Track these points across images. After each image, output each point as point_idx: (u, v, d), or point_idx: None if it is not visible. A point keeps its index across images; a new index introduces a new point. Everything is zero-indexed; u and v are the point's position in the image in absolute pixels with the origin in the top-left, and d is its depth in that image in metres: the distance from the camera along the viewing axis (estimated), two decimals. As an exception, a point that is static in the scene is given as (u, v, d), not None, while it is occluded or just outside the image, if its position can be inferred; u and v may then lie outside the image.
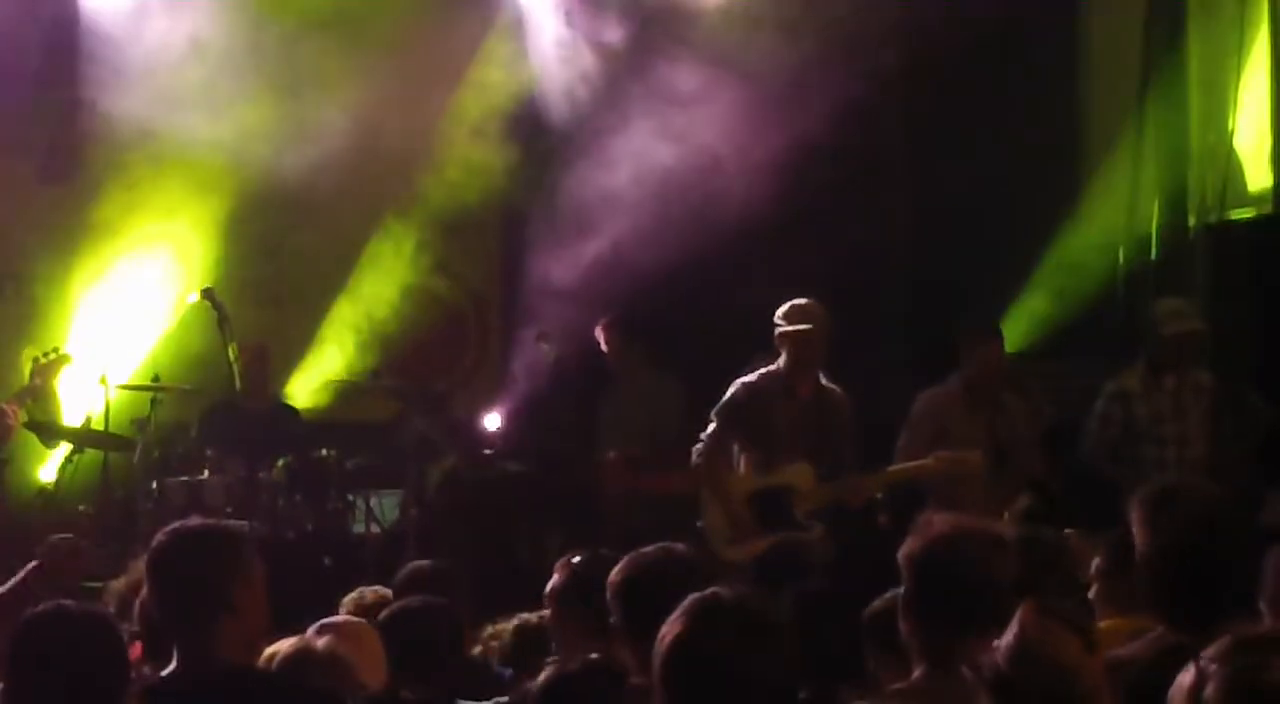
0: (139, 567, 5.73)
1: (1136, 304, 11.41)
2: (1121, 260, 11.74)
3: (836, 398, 9.65)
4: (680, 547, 5.38)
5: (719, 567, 8.97)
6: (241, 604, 4.80)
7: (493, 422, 12.66)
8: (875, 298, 12.76)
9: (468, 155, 12.96)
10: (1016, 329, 11.36)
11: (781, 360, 9.58)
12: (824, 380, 9.63)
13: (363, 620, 6.11)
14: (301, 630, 5.78)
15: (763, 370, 9.67)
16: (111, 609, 6.27)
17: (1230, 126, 11.37)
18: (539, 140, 12.98)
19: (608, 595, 5.16)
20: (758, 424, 9.57)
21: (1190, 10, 11.64)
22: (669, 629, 4.22)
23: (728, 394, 9.67)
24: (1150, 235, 11.63)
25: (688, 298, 12.29)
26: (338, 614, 6.73)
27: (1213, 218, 11.50)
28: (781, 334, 9.51)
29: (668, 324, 12.09)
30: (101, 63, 12.21)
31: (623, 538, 10.91)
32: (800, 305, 9.53)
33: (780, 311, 9.54)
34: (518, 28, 13.21)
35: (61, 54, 12.36)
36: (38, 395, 10.37)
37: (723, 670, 4.10)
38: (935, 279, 12.42)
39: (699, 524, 9.61)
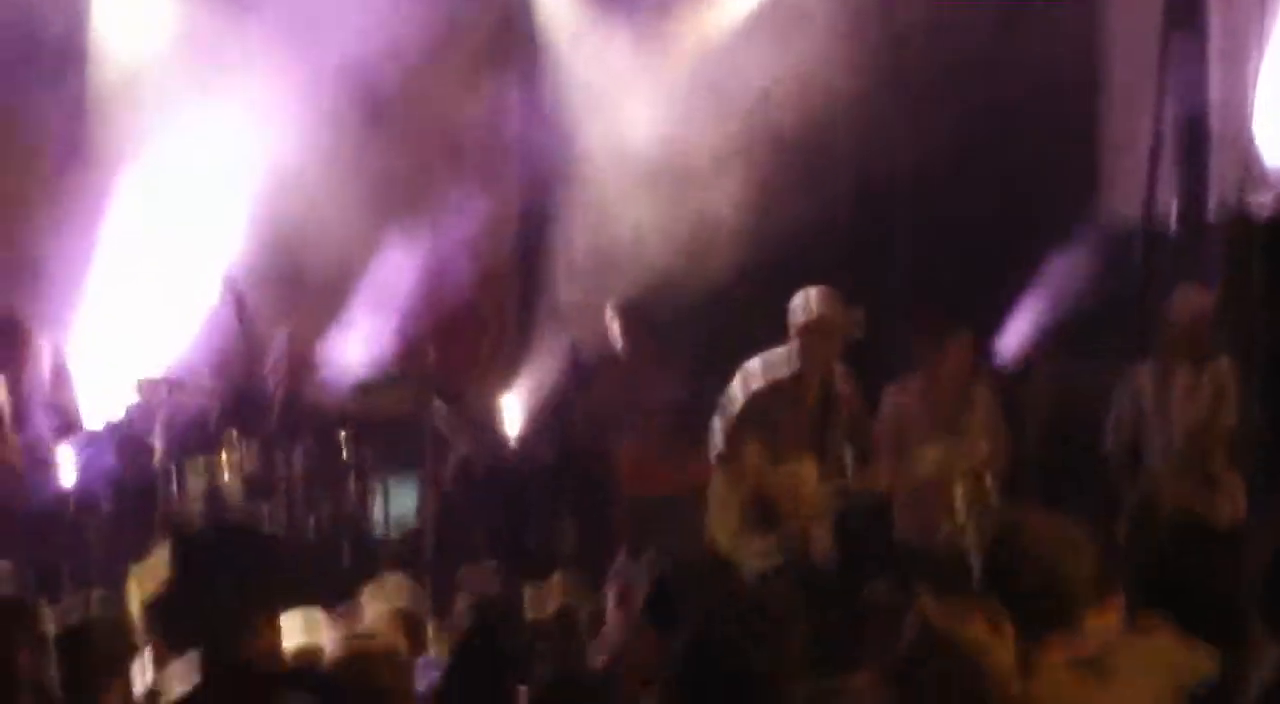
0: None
1: (1154, 295, 11.39)
2: (1139, 250, 11.72)
3: (847, 384, 9.57)
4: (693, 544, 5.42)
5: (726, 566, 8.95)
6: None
7: (510, 410, 12.67)
8: (881, 289, 12.75)
9: (484, 136, 13.04)
10: (1032, 321, 11.35)
11: (790, 350, 9.46)
12: (835, 369, 9.52)
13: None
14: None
15: (766, 359, 9.54)
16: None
17: (1250, 114, 11.35)
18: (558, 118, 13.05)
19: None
20: (763, 418, 9.47)
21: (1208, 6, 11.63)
22: (686, 626, 4.25)
23: (733, 388, 9.55)
24: (1168, 225, 11.61)
25: (700, 284, 12.29)
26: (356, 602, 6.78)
27: (1231, 207, 11.48)
28: (793, 328, 9.41)
29: (679, 311, 12.08)
30: (117, 49, 12.27)
31: (635, 528, 10.99)
32: (812, 295, 9.40)
33: (795, 302, 9.41)
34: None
35: (76, 42, 12.40)
36: None
37: (733, 665, 4.13)
38: (946, 270, 12.41)
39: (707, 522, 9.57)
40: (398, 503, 11.48)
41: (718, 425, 9.58)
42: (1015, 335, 11.54)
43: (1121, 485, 9.79)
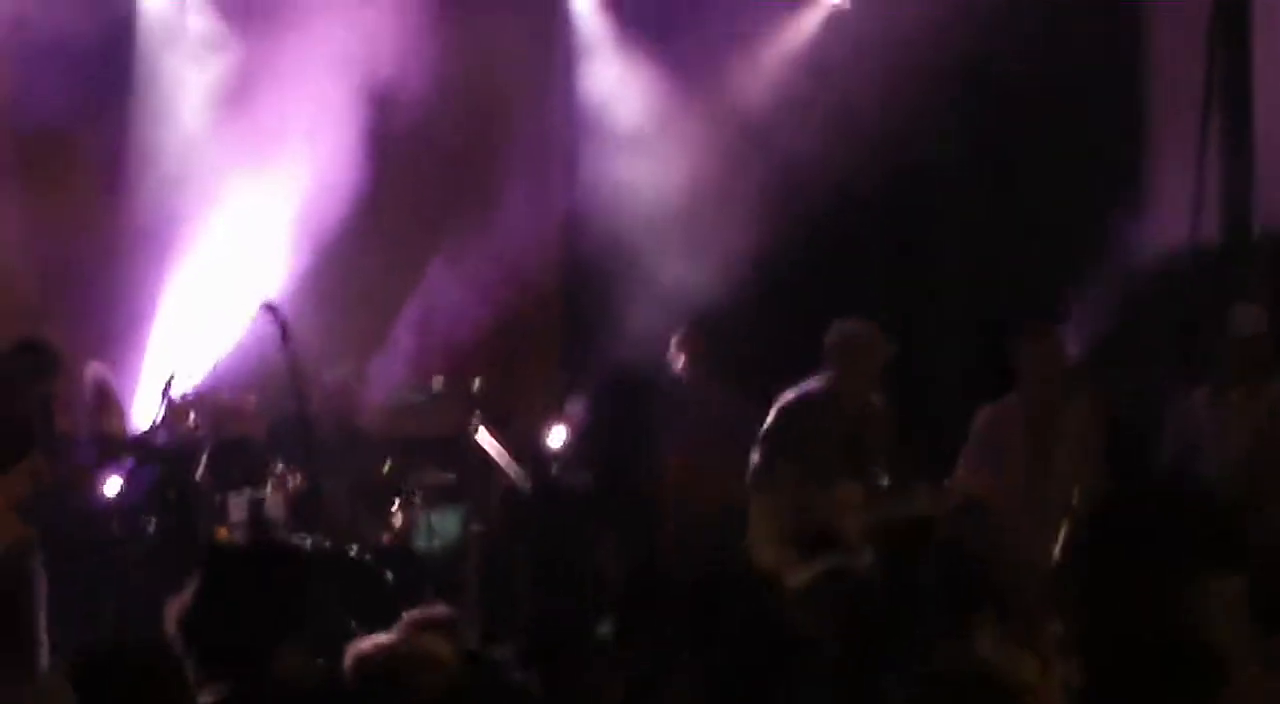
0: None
1: (1197, 314, 11.34)
2: (1183, 270, 11.67)
3: (880, 411, 9.60)
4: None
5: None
6: None
7: (557, 435, 12.65)
8: (932, 307, 12.74)
9: (527, 161, 13.08)
10: (1074, 338, 11.28)
11: (827, 379, 9.53)
12: (871, 396, 9.58)
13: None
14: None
15: (803, 389, 9.61)
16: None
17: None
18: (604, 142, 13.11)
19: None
20: (802, 446, 9.51)
21: (1255, 17, 11.59)
22: (718, 644, 4.22)
23: (770, 419, 9.62)
24: (1213, 245, 11.56)
25: (745, 308, 12.29)
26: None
27: (1276, 227, 11.45)
28: (829, 357, 9.48)
29: (731, 337, 12.09)
30: (160, 69, 12.34)
31: (680, 549, 10.97)
32: (853, 332, 9.47)
33: (834, 334, 9.50)
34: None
35: (120, 61, 12.45)
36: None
37: (768, 683, 4.11)
38: (993, 288, 12.39)
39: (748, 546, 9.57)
40: (443, 529, 11.45)
41: (755, 454, 9.63)
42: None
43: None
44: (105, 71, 12.41)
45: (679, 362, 11.80)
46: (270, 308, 10.69)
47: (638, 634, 5.54)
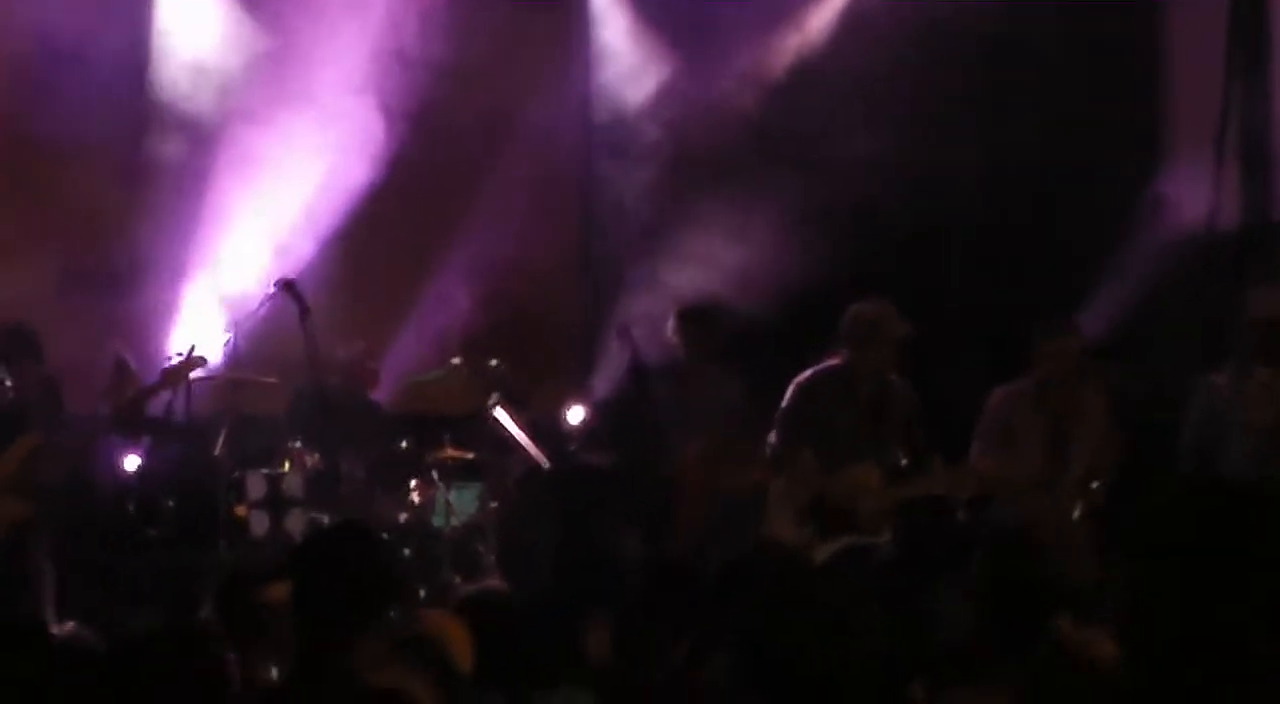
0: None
1: (1216, 300, 11.34)
2: (1202, 256, 11.66)
3: (899, 389, 9.60)
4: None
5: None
6: None
7: (575, 415, 12.64)
8: (948, 289, 12.74)
9: (545, 148, 13.07)
10: (1093, 324, 11.29)
11: (842, 358, 9.55)
12: (890, 376, 9.59)
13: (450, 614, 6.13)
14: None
15: (819, 367, 9.63)
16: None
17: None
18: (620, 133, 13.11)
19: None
20: (819, 425, 9.52)
21: (1274, 6, 11.58)
22: (748, 621, 4.23)
23: (786, 399, 9.63)
24: (1231, 231, 11.56)
25: (761, 290, 12.28)
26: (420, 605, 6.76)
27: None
28: (844, 337, 9.50)
29: (738, 317, 12.06)
30: (178, 62, 12.36)
31: (697, 533, 10.96)
32: (868, 310, 9.48)
33: (849, 313, 9.51)
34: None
35: (139, 54, 12.46)
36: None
37: (804, 660, 4.11)
38: (1010, 272, 12.38)
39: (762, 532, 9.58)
40: (461, 507, 11.46)
41: (773, 434, 9.66)
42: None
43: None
44: (122, 57, 12.42)
45: (675, 345, 11.72)
46: (288, 284, 10.72)
47: (660, 615, 5.56)
